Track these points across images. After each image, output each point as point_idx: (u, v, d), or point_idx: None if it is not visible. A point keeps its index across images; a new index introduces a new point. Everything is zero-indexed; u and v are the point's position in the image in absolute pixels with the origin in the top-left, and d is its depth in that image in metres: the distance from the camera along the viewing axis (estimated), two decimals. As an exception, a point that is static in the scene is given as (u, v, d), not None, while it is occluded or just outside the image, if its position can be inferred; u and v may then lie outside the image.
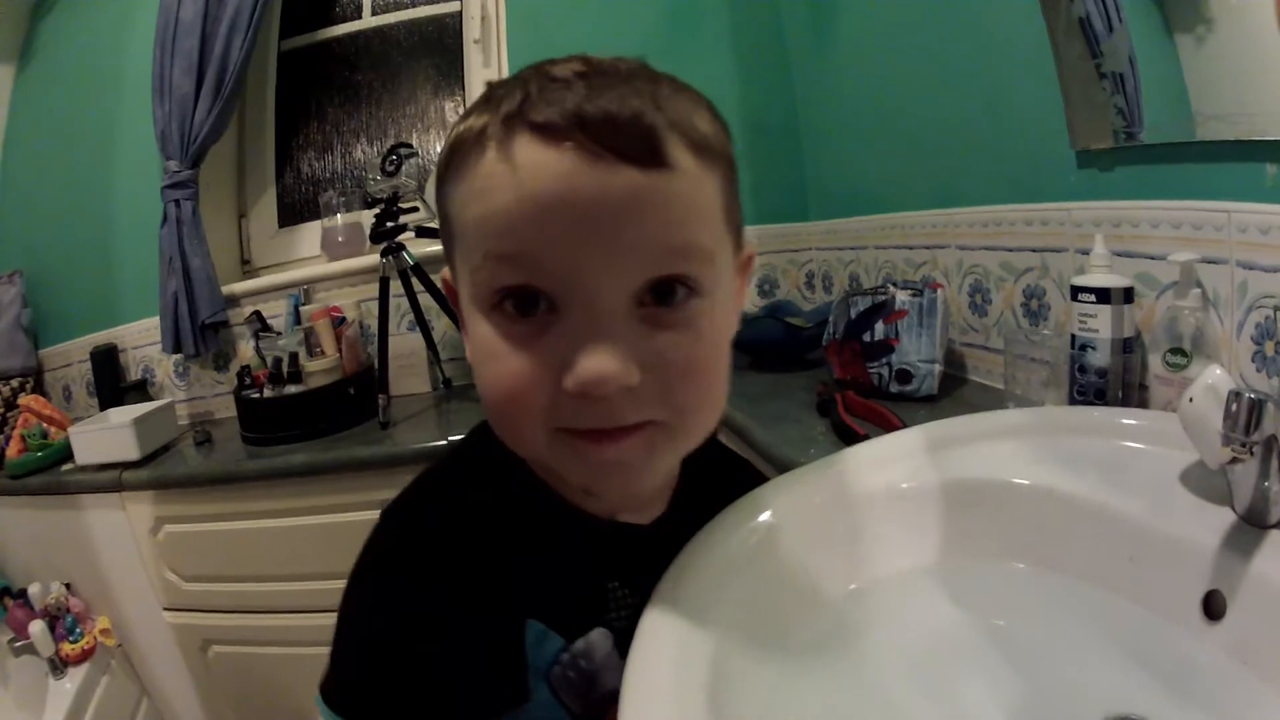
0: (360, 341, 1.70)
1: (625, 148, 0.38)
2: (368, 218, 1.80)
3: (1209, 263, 0.72)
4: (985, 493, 0.57)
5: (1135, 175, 0.83)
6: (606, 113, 0.38)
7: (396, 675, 0.48)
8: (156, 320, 1.86)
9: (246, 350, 1.75)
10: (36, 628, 1.68)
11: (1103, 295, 0.76)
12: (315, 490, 1.47)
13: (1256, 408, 0.43)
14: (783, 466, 0.90)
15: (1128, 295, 0.75)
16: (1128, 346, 0.76)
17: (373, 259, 1.70)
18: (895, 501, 0.58)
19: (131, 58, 1.83)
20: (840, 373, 1.11)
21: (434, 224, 1.45)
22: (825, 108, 1.55)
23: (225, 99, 1.74)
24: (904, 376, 1.02)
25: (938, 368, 1.01)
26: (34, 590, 1.79)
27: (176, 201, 1.75)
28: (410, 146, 1.54)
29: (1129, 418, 0.61)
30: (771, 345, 1.38)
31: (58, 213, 1.99)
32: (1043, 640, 0.49)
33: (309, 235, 1.98)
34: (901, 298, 1.04)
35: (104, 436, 1.68)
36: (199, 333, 1.80)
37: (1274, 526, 0.46)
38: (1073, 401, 0.79)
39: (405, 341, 1.72)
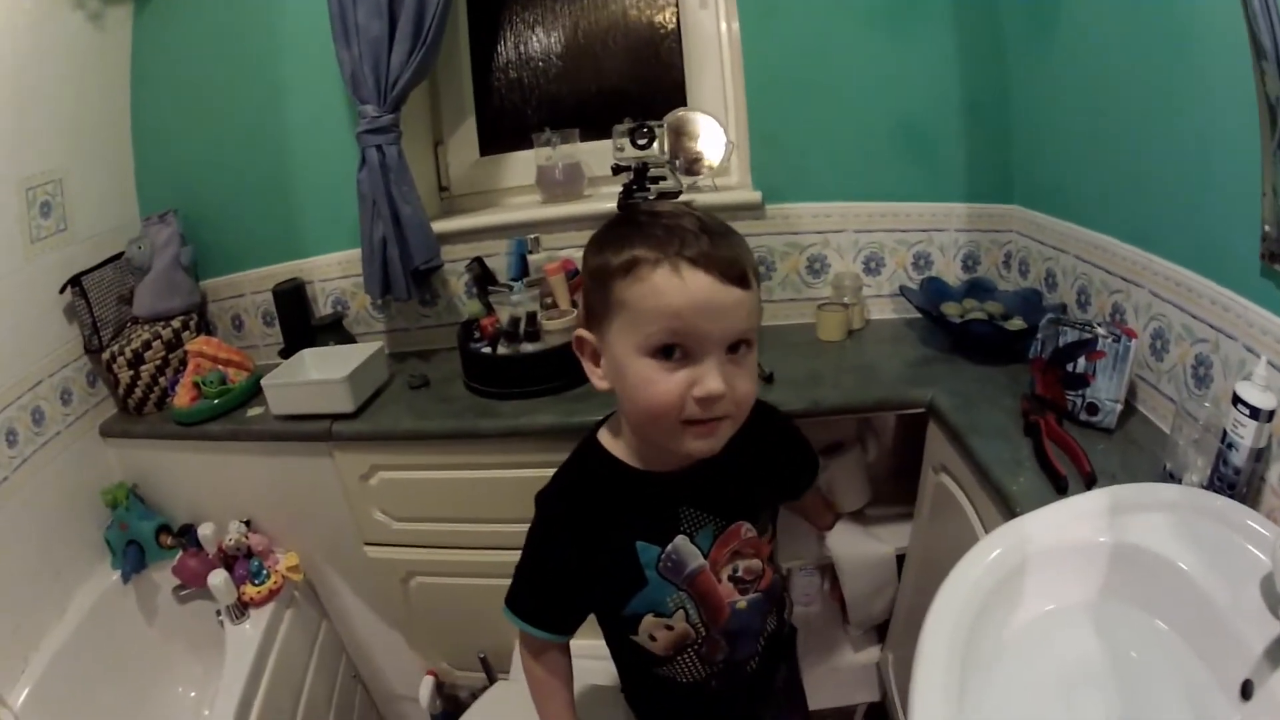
0: (596, 297, 2.14)
1: (734, 278, 0.98)
2: (584, 153, 2.28)
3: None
4: (1142, 558, 1.06)
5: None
6: (725, 257, 0.98)
7: (547, 584, 1.20)
8: (344, 255, 2.31)
9: (455, 284, 2.25)
10: (218, 579, 2.01)
11: (1255, 412, 1.09)
12: (548, 446, 1.77)
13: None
14: (994, 485, 1.43)
15: (1271, 415, 1.10)
16: (1259, 455, 1.12)
17: (598, 206, 2.15)
18: (1084, 551, 1.11)
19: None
20: (1042, 390, 1.62)
21: (678, 190, 1.97)
22: (1039, 101, 1.88)
23: (428, 46, 1.98)
24: (1092, 409, 1.52)
25: (1119, 407, 1.50)
26: (205, 531, 2.13)
27: (379, 147, 2.02)
28: (660, 123, 2.01)
29: (1256, 522, 1.03)
30: (981, 340, 1.88)
31: (216, 150, 2.34)
32: (1148, 675, 0.98)
33: (514, 166, 2.39)
34: (1103, 340, 1.52)
35: (312, 391, 1.95)
36: (410, 277, 2.13)
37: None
38: (1213, 476, 1.19)
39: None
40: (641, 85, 2.42)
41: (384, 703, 2.59)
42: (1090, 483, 1.34)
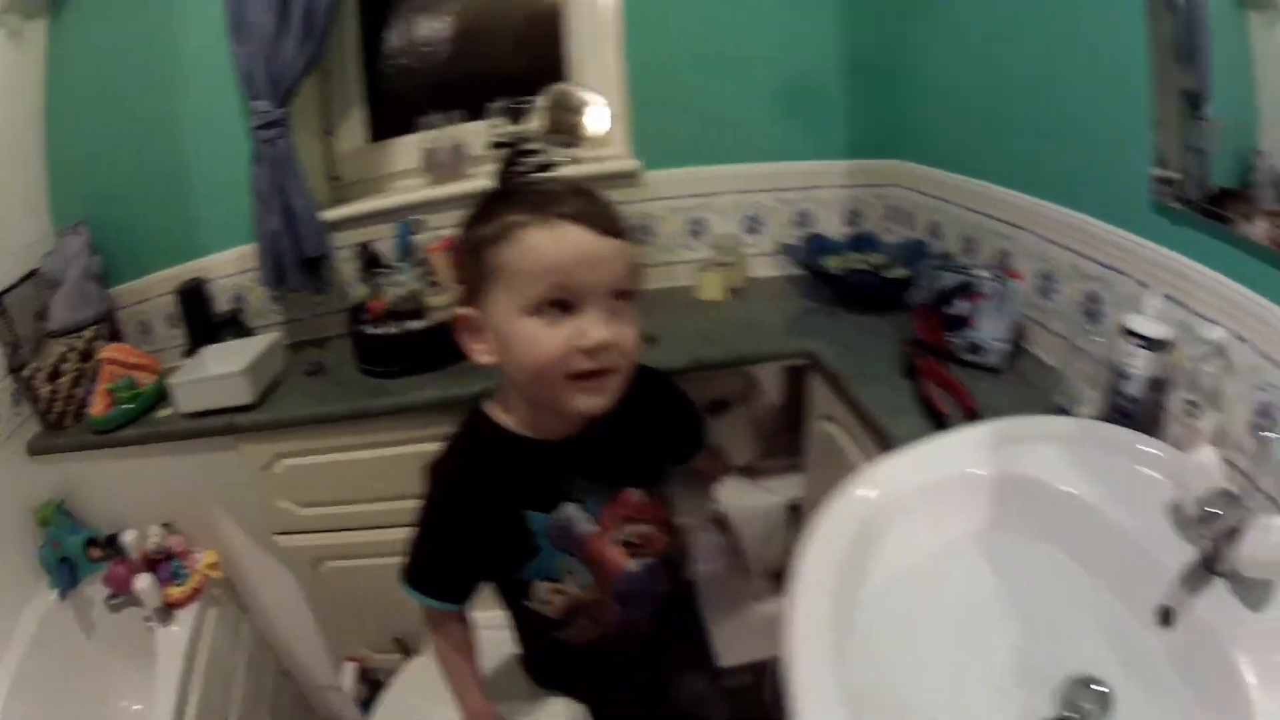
0: (478, 272, 2.07)
1: (609, 230, 0.97)
2: (468, 133, 2.20)
3: (1238, 339, 1.02)
4: (1032, 488, 1.00)
5: (1199, 242, 1.10)
6: (600, 212, 0.98)
7: (441, 555, 1.14)
8: (241, 250, 2.18)
9: (347, 270, 2.16)
10: (144, 582, 1.91)
11: (1148, 343, 1.07)
12: (441, 420, 1.66)
13: (1213, 518, 0.79)
14: (877, 428, 1.38)
15: (1165, 346, 1.08)
16: (1156, 385, 1.09)
17: (480, 184, 2.00)
18: (966, 484, 1.04)
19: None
20: (923, 334, 1.58)
21: (554, 162, 1.85)
22: (926, 54, 1.84)
23: (318, 39, 1.93)
24: (975, 349, 1.49)
25: (1005, 346, 1.46)
26: (128, 539, 2.00)
27: (270, 141, 1.96)
28: (531, 98, 1.91)
29: (1149, 446, 1.00)
30: (866, 290, 1.85)
31: (120, 157, 2.18)
32: (1051, 605, 0.92)
33: (402, 150, 2.29)
34: (984, 283, 1.46)
35: (214, 386, 1.89)
36: (302, 267, 2.08)
37: (1218, 574, 0.79)
38: (1110, 409, 1.14)
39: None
40: (528, 64, 2.30)
41: (312, 694, 2.46)
42: (974, 419, 1.30)
